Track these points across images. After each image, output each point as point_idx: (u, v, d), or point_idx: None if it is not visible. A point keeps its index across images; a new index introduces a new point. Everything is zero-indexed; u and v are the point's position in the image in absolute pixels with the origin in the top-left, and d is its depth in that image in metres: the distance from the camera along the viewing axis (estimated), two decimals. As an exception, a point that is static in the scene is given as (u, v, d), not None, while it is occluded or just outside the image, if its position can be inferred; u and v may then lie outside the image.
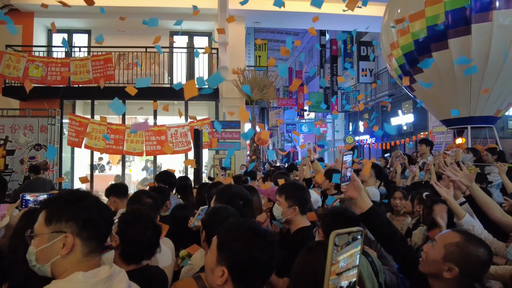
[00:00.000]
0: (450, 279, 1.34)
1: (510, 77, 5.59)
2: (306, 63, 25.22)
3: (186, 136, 8.13)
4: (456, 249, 1.35)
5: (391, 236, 1.68)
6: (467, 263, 1.33)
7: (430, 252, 1.44)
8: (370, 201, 1.75)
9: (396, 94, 15.09)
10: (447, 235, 1.44)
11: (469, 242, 1.36)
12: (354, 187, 1.74)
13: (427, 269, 1.44)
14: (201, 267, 1.83)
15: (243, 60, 10.19)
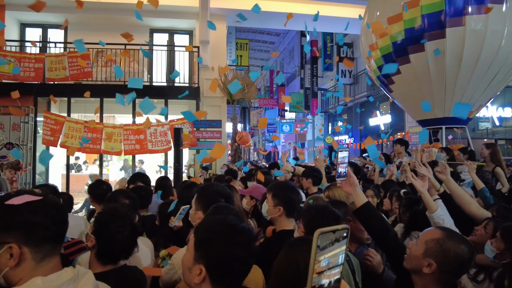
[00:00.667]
0: (430, 275, 1.38)
1: (481, 80, 5.81)
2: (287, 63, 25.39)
3: (166, 135, 8.01)
4: (435, 245, 1.39)
5: (383, 231, 1.73)
6: (446, 258, 1.36)
7: (413, 248, 1.48)
8: (365, 197, 1.79)
9: (374, 95, 15.43)
10: (430, 232, 1.48)
11: (449, 238, 1.40)
12: (349, 182, 1.78)
13: (410, 265, 1.48)
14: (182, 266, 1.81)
15: (224, 59, 10.15)
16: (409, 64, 5.95)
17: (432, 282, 1.40)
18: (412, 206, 2.65)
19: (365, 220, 1.76)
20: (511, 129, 12.48)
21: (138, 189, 3.11)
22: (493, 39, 5.39)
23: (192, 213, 2.03)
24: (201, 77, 9.52)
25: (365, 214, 1.74)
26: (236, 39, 12.95)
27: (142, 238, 2.20)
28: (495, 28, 5.34)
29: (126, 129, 7.87)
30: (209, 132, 9.23)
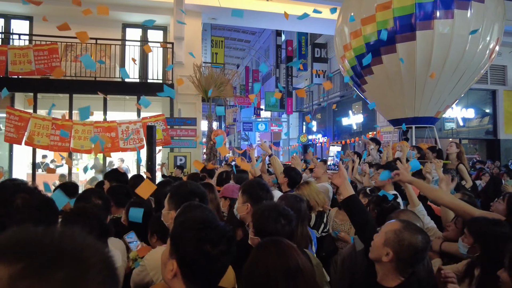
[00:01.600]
0: (388, 263, 1.48)
1: (448, 82, 6.08)
2: (263, 62, 25.45)
3: (139, 133, 7.79)
4: (393, 235, 1.49)
5: (364, 223, 1.87)
6: (401, 247, 1.45)
7: (375, 239, 1.58)
8: (352, 190, 1.94)
9: (347, 95, 15.78)
10: (390, 224, 1.58)
11: (406, 229, 1.49)
12: (340, 175, 1.96)
13: (373, 254, 1.57)
14: (154, 268, 1.75)
15: (199, 56, 10.02)
16: (381, 65, 6.13)
17: (390, 270, 1.49)
18: (380, 203, 2.71)
19: (350, 211, 1.92)
20: (473, 129, 13.14)
21: (114, 188, 3.01)
22: (459, 43, 5.65)
23: (164, 213, 1.95)
24: (175, 74, 9.35)
25: (350, 205, 1.90)
26: (211, 37, 12.83)
27: (112, 239, 2.12)
28: (461, 33, 5.60)
29: (96, 127, 7.58)
30: (183, 130, 9.08)
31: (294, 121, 21.50)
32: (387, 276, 1.51)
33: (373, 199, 2.82)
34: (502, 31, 6.23)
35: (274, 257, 1.20)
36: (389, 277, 1.50)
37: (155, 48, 9.14)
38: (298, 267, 1.20)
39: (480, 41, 5.74)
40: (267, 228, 1.63)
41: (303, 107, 20.61)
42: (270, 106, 19.06)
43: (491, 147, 13.10)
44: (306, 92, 19.63)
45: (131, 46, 8.98)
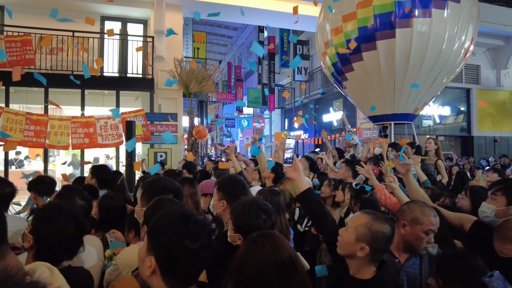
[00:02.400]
0: (363, 257, 1.47)
1: (426, 79, 6.24)
2: (245, 58, 25.35)
3: (117, 128, 7.60)
4: (365, 230, 1.48)
5: (323, 216, 1.81)
6: (375, 240, 1.46)
7: (344, 235, 1.55)
8: (308, 183, 1.87)
9: (328, 92, 15.95)
10: (357, 218, 1.56)
11: (375, 221, 1.50)
12: (294, 168, 1.88)
13: (344, 251, 1.56)
14: (127, 266, 1.71)
15: (180, 51, 9.86)
16: (362, 62, 6.21)
17: (365, 263, 1.49)
18: (359, 196, 2.78)
19: (307, 205, 1.85)
20: (449, 127, 13.56)
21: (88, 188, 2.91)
22: (436, 41, 5.79)
23: (137, 210, 1.91)
24: (155, 69, 9.18)
25: (307, 198, 1.83)
26: (193, 31, 12.65)
27: (89, 236, 2.05)
28: (438, 32, 5.74)
29: (74, 122, 7.35)
30: (164, 126, 8.94)
31: (277, 118, 21.58)
32: (361, 269, 1.51)
33: (352, 194, 2.88)
34: (476, 31, 6.43)
35: (268, 251, 1.18)
36: (363, 269, 1.50)
37: (135, 42, 8.95)
38: (292, 260, 1.19)
39: (456, 41, 5.91)
40: (248, 224, 1.62)
41: (285, 103, 20.69)
42: (252, 103, 19.04)
43: (465, 144, 13.56)
44: (288, 90, 19.74)
45: (109, 39, 8.73)
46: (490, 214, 1.79)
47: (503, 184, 1.85)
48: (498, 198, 1.80)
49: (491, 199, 1.82)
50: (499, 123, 13.68)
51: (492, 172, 4.79)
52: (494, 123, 13.60)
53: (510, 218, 1.74)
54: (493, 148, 13.48)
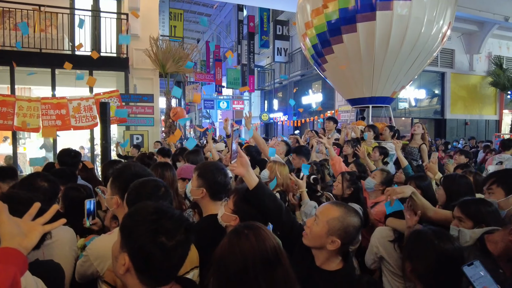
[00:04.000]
0: (332, 250, 1.47)
1: (404, 63, 6.28)
2: (224, 37, 24.82)
3: (91, 110, 7.31)
4: (338, 224, 1.45)
5: (278, 209, 1.70)
6: (347, 234, 1.46)
7: (314, 227, 1.51)
8: (257, 178, 1.73)
9: (308, 74, 15.94)
10: (328, 211, 1.51)
11: (347, 214, 1.48)
12: (241, 163, 1.70)
13: (312, 243, 1.52)
14: (97, 257, 1.64)
15: (156, 29, 9.48)
16: (342, 44, 6.17)
17: (333, 255, 1.49)
18: (356, 182, 2.79)
19: (260, 200, 1.69)
20: (424, 109, 13.93)
21: (60, 170, 2.77)
22: (415, 25, 5.80)
23: (108, 198, 1.80)
24: (130, 47, 8.81)
25: (259, 194, 1.68)
26: (169, 9, 12.16)
27: (60, 226, 1.95)
28: (417, 15, 5.75)
29: (44, 103, 6.99)
30: (140, 107, 8.68)
31: (256, 99, 21.45)
32: (329, 260, 1.51)
33: (347, 177, 2.86)
34: (453, 16, 6.50)
35: (252, 243, 1.15)
36: (331, 260, 1.51)
37: (109, 19, 8.50)
38: (276, 252, 1.17)
39: (435, 25, 5.95)
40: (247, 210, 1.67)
41: (264, 85, 20.55)
42: (232, 84, 18.78)
43: (438, 126, 14.01)
44: (268, 71, 19.54)
45: (80, 15, 8.25)
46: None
47: (495, 177, 1.86)
48: (495, 191, 1.80)
49: (489, 194, 1.83)
50: (470, 106, 14.18)
51: (459, 155, 4.97)
52: (466, 107, 14.08)
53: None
54: (463, 130, 14.00)
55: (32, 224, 1.03)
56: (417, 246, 1.50)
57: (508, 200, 1.73)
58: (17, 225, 0.99)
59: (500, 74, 13.30)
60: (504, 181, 1.79)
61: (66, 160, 3.24)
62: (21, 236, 0.97)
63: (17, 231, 0.96)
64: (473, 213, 1.69)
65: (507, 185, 1.76)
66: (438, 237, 1.46)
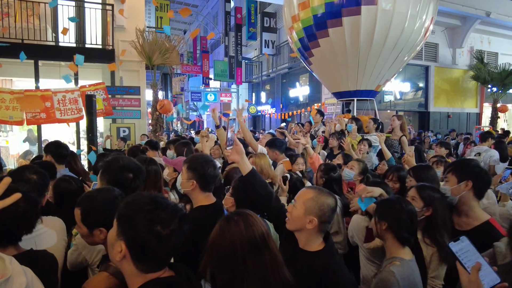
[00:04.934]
0: (312, 228, 1.58)
1: (388, 57, 6.41)
2: (211, 29, 24.58)
3: (77, 102, 7.20)
4: (312, 203, 1.58)
5: (268, 195, 1.87)
6: (322, 211, 1.57)
7: (293, 211, 1.63)
8: (250, 165, 1.89)
9: (295, 67, 16.00)
10: (304, 193, 1.65)
11: (321, 194, 1.61)
12: (236, 151, 1.86)
13: (294, 226, 1.63)
14: (85, 247, 1.69)
15: (142, 20, 9.36)
16: (328, 38, 6.25)
17: (313, 234, 1.60)
18: (329, 172, 2.88)
19: (252, 186, 1.87)
20: (409, 102, 14.20)
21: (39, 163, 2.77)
22: (399, 20, 5.92)
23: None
24: (116, 39, 8.69)
25: (251, 180, 1.86)
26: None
27: (50, 217, 1.99)
28: (401, 10, 5.86)
29: (28, 96, 6.87)
30: (126, 100, 8.61)
31: (244, 92, 21.41)
32: (310, 241, 1.61)
33: (321, 168, 2.96)
34: (436, 11, 6.64)
35: (241, 229, 1.23)
36: (312, 241, 1.61)
37: (93, 10, 8.35)
38: (264, 238, 1.25)
39: (418, 19, 6.07)
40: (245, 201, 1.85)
41: (252, 77, 20.53)
42: (219, 76, 18.67)
43: (422, 119, 14.32)
44: (255, 63, 19.48)
45: (64, 5, 8.07)
46: (448, 193, 1.96)
47: (452, 165, 2.03)
48: (450, 178, 1.98)
49: (446, 182, 1.99)
50: (453, 99, 14.52)
51: (439, 146, 5.16)
52: (448, 100, 14.42)
53: (463, 194, 1.93)
54: (446, 123, 14.35)
55: None
56: (391, 209, 1.76)
57: (460, 187, 1.91)
58: None
59: (481, 68, 13.64)
60: (458, 170, 1.96)
61: (63, 152, 3.25)
62: None
63: None
64: (425, 196, 1.94)
65: (460, 173, 1.94)
66: (403, 201, 1.81)
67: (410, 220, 1.73)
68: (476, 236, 1.69)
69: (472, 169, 1.95)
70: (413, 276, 1.63)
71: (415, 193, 1.99)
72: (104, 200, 1.54)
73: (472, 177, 1.91)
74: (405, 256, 1.69)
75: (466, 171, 1.94)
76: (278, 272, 1.25)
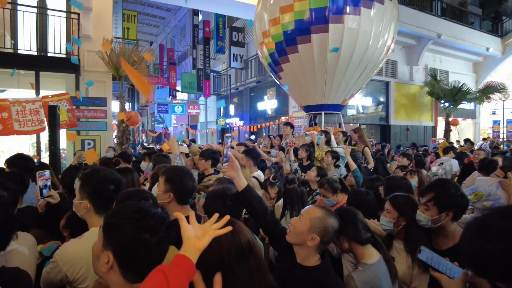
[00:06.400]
0: (312, 246, 1.64)
1: (353, 73, 6.75)
2: (178, 41, 24.47)
3: (38, 113, 6.85)
4: (318, 222, 1.64)
5: (264, 211, 1.87)
6: (326, 232, 1.65)
7: (297, 225, 1.68)
8: (246, 181, 1.89)
9: (263, 80, 16.28)
10: (312, 211, 1.71)
11: (328, 215, 1.68)
12: (232, 167, 1.84)
13: (294, 239, 1.68)
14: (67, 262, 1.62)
15: (109, 30, 9.16)
16: (297, 54, 6.48)
17: (312, 252, 1.66)
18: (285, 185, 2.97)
19: (248, 202, 1.86)
20: (371, 116, 14.87)
21: (10, 175, 2.63)
22: (364, 38, 6.28)
23: (76, 203, 1.79)
24: (81, 49, 8.42)
25: (248, 196, 1.85)
26: (123, 10, 11.80)
27: (20, 233, 1.89)
28: (366, 29, 6.23)
29: (-19, 105, 6.44)
30: (91, 111, 8.30)
31: (212, 104, 21.37)
32: (309, 257, 1.66)
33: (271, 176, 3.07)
34: (396, 31, 7.12)
35: (228, 237, 1.24)
36: (310, 257, 1.66)
37: (58, 18, 8.05)
38: (249, 245, 1.27)
39: (380, 38, 6.48)
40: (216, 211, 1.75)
41: (220, 90, 20.58)
42: (187, 88, 18.52)
43: (383, 132, 15.04)
44: (224, 76, 19.57)
45: (25, 12, 7.71)
46: (427, 223, 1.95)
47: (433, 192, 1.97)
48: (431, 208, 1.95)
49: (425, 209, 1.97)
50: (411, 113, 15.42)
51: (402, 157, 5.50)
52: (407, 114, 15.29)
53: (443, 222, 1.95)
54: (406, 135, 15.18)
55: (206, 228, 1.21)
56: (344, 221, 1.81)
57: (441, 217, 1.92)
58: (194, 228, 1.18)
59: (435, 85, 14.70)
60: (439, 200, 1.93)
61: (30, 165, 3.10)
62: (195, 238, 1.15)
63: (193, 234, 1.16)
64: (398, 206, 2.04)
65: (441, 205, 1.92)
66: (356, 212, 1.92)
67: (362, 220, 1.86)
68: (450, 255, 1.83)
69: (454, 200, 1.93)
70: (377, 279, 1.70)
71: (388, 205, 2.08)
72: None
73: (453, 207, 1.91)
74: (368, 260, 1.77)
75: (449, 203, 1.92)
76: (263, 276, 1.28)
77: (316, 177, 3.55)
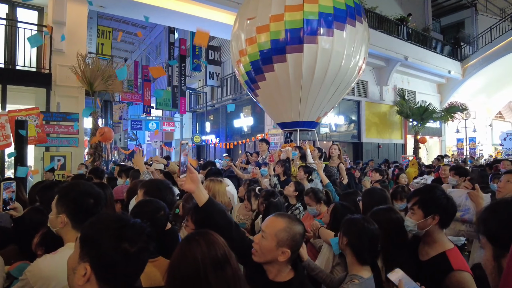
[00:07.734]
0: (284, 260, 1.52)
1: (327, 91, 6.97)
2: (153, 58, 24.38)
3: (4, 128, 6.56)
4: (285, 234, 1.52)
5: (228, 225, 1.68)
6: (295, 242, 1.54)
7: (263, 243, 1.54)
8: (207, 194, 1.72)
9: (239, 98, 16.44)
10: (273, 223, 1.57)
11: (291, 223, 1.56)
12: (191, 179, 1.67)
13: (263, 258, 1.55)
14: (40, 279, 1.55)
15: (84, 45, 9.02)
16: (273, 72, 6.63)
17: (284, 265, 1.55)
18: (269, 198, 2.98)
19: (210, 216, 1.66)
20: (343, 134, 15.28)
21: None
22: (337, 58, 6.54)
23: (52, 218, 1.72)
24: (53, 63, 8.22)
25: (209, 210, 1.67)
26: (97, 26, 11.68)
27: None
28: (339, 50, 6.50)
29: None
30: (62, 127, 8.03)
31: (188, 121, 21.24)
32: (281, 271, 1.55)
33: (262, 194, 3.05)
34: (367, 52, 7.47)
35: (203, 249, 1.21)
36: (282, 271, 1.55)
37: (28, 31, 7.87)
38: (226, 256, 1.25)
39: (352, 59, 6.77)
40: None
41: (196, 107, 20.54)
42: (161, 105, 18.37)
43: (356, 149, 15.46)
44: (200, 93, 19.61)
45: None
46: (414, 228, 1.91)
47: (418, 196, 1.97)
48: (416, 211, 1.93)
49: (411, 213, 1.96)
50: (382, 131, 15.99)
51: (375, 172, 5.72)
52: (378, 132, 15.84)
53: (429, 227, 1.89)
54: (377, 153, 15.66)
55: None
56: (354, 227, 1.86)
57: (426, 221, 1.88)
58: None
59: (404, 104, 15.41)
60: (424, 203, 1.91)
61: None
62: None
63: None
64: (381, 220, 2.02)
65: (427, 208, 1.89)
66: (367, 221, 1.89)
67: (370, 240, 1.78)
68: (428, 267, 1.85)
69: (439, 202, 1.89)
70: None
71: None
72: None
73: (439, 210, 1.86)
74: (364, 275, 1.74)
75: (434, 205, 1.88)
76: (240, 286, 1.26)
77: (294, 192, 3.61)
